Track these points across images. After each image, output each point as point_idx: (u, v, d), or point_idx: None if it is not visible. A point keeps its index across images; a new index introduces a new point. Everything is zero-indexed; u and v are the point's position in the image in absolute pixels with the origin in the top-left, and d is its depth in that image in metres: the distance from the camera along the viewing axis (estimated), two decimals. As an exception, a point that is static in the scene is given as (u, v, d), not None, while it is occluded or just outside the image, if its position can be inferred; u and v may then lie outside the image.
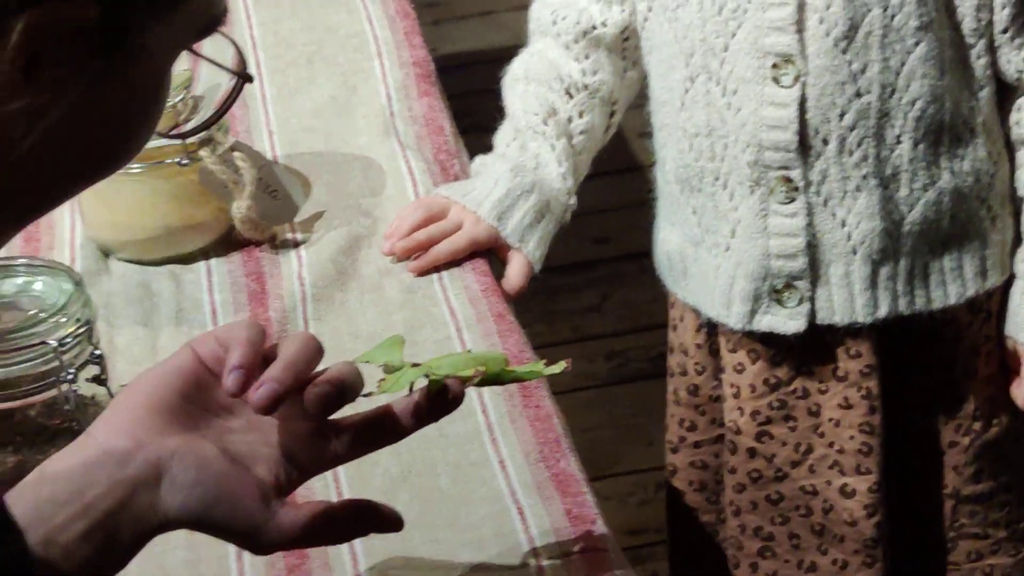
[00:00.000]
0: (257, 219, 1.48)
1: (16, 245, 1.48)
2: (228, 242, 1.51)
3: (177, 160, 1.46)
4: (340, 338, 1.39)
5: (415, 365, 1.02)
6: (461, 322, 1.39)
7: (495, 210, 1.48)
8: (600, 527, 1.17)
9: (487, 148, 1.56)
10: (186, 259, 1.49)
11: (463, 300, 1.42)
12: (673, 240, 1.54)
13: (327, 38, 1.77)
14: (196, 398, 0.99)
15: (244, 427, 1.00)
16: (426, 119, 1.65)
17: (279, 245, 1.50)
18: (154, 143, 1.40)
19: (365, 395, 1.00)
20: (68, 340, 1.20)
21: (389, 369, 1.02)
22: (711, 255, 1.49)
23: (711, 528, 1.64)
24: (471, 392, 1.29)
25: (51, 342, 1.19)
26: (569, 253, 2.52)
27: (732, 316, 1.48)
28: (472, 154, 1.59)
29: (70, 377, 1.21)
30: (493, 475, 1.23)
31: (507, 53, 1.59)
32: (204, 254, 1.50)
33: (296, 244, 1.50)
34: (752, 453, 1.54)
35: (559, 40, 1.53)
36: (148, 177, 1.46)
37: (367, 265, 1.47)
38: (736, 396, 1.53)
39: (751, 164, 1.43)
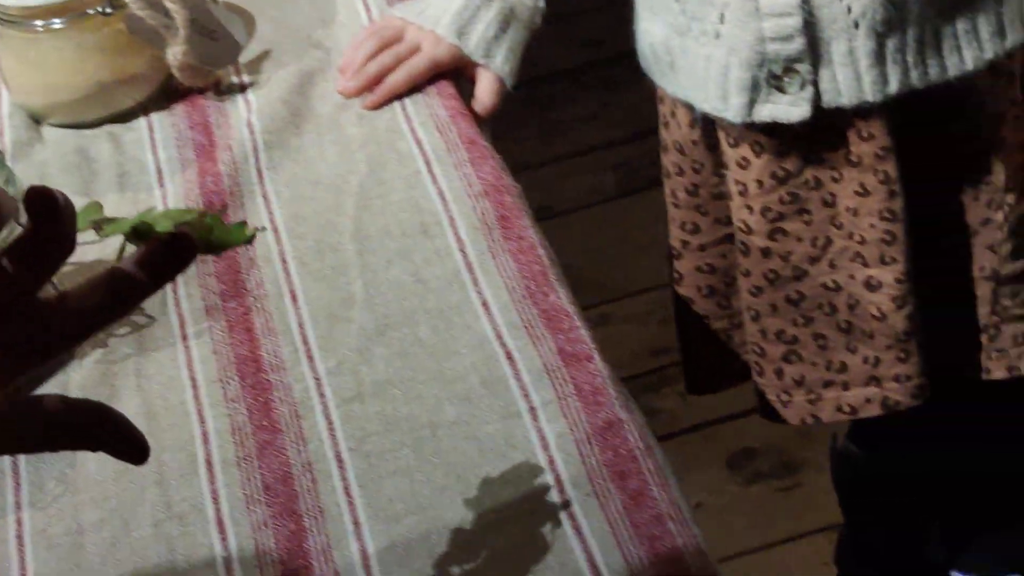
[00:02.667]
0: (197, 64, 1.40)
1: (-71, 120, 1.41)
2: (168, 94, 1.42)
3: (99, 9, 1.37)
4: (300, 186, 1.31)
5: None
6: (430, 154, 1.32)
7: (454, 25, 1.40)
8: (597, 363, 1.10)
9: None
10: (124, 117, 1.41)
11: (430, 129, 1.34)
12: (656, 31, 1.43)
13: None
14: None
15: None
16: (372, -66, 1.56)
17: (224, 91, 1.42)
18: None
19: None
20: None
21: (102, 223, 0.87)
22: (700, 44, 1.39)
23: (725, 335, 1.58)
24: (447, 229, 1.24)
25: (-32, 228, 1.14)
26: (559, 59, 2.38)
27: (730, 108, 1.39)
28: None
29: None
30: (477, 318, 1.15)
31: None
32: (143, 109, 1.41)
33: (243, 88, 1.42)
34: (766, 253, 1.46)
35: None
36: (71, 31, 1.38)
37: (322, 103, 1.39)
38: (742, 194, 1.45)
39: None
